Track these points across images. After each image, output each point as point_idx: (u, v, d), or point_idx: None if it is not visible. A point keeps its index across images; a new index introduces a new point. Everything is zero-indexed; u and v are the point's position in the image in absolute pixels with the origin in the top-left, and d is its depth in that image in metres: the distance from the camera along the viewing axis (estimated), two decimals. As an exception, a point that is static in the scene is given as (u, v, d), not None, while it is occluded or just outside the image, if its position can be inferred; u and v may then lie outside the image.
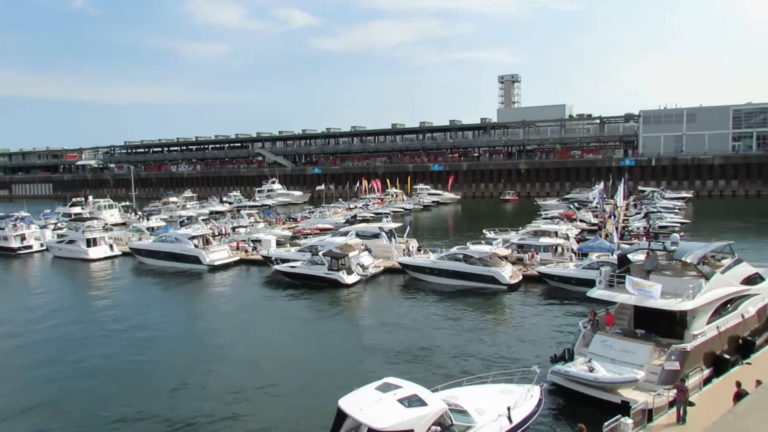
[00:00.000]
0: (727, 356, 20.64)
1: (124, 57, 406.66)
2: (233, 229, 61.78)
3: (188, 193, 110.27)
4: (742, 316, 22.15)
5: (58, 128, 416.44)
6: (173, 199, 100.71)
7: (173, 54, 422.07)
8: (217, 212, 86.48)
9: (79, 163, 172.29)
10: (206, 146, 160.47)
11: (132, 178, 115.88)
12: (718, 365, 20.18)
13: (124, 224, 74.89)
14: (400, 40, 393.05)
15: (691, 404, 16.96)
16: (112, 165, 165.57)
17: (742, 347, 21.64)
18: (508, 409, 15.86)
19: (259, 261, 46.92)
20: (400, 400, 14.44)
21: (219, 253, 47.99)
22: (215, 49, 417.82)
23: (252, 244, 51.42)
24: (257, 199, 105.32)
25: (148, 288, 42.46)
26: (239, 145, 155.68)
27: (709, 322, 20.81)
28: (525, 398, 16.96)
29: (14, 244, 59.17)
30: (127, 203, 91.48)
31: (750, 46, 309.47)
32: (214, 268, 46.28)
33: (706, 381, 19.00)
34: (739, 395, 15.07)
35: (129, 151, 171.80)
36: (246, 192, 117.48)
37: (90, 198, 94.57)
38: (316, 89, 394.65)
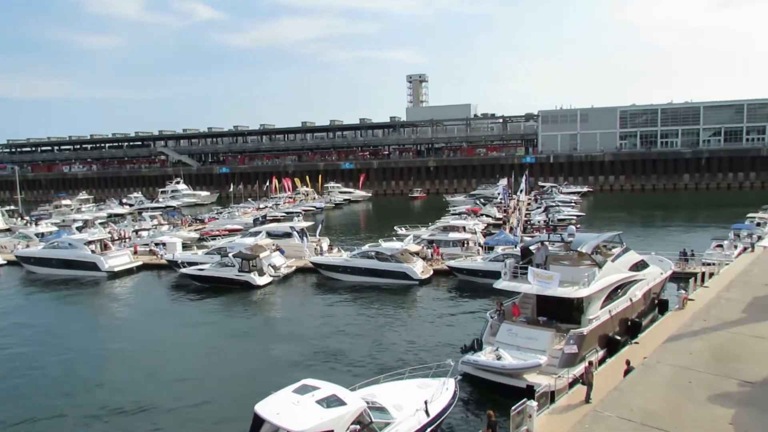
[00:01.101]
0: (618, 337, 22.43)
1: (6, 47, 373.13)
2: (135, 232, 58.69)
3: (83, 195, 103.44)
4: (631, 300, 24.13)
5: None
6: (66, 201, 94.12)
7: (64, 46, 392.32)
8: (116, 215, 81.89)
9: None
10: (103, 145, 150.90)
11: (17, 180, 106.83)
12: (611, 346, 21.87)
13: (8, 230, 68.82)
14: (306, 37, 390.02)
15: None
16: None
17: (630, 328, 23.60)
18: (426, 403, 16.18)
19: (164, 265, 44.90)
20: (319, 401, 14.32)
21: (119, 259, 45.36)
22: (110, 42, 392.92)
23: (156, 248, 49.07)
24: (161, 200, 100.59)
25: (38, 299, 39.27)
26: (140, 143, 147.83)
27: (602, 307, 22.49)
28: (441, 391, 17.36)
29: None
30: (12, 207, 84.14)
31: (636, 51, 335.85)
32: (114, 275, 43.71)
33: (601, 361, 20.49)
34: (628, 372, 16.42)
35: (13, 150, 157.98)
36: (148, 193, 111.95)
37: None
38: (222, 86, 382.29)
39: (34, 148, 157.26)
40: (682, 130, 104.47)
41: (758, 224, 43.94)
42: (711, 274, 29.38)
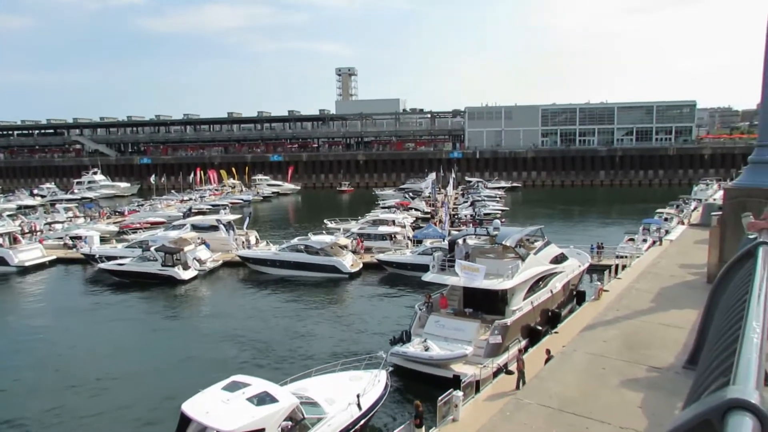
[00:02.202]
0: (540, 327, 23.50)
1: None
2: (47, 224, 55.25)
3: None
4: (551, 292, 25.32)
5: None
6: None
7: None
8: (26, 207, 76.57)
9: None
10: (11, 132, 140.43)
11: None
12: (533, 336, 22.88)
13: None
14: (231, 25, 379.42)
15: (510, 372, 19.01)
16: None
17: (551, 318, 24.79)
18: (358, 396, 16.26)
19: (80, 260, 42.57)
20: (250, 399, 14.05)
21: (30, 253, 42.65)
22: (17, 22, 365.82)
23: (72, 242, 46.45)
24: (76, 191, 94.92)
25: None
26: (52, 131, 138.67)
27: (525, 299, 23.49)
28: (373, 384, 17.52)
29: None
30: None
31: (554, 52, 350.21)
32: (25, 270, 41.02)
33: (523, 351, 21.41)
34: (549, 360, 17.26)
35: None
36: (62, 184, 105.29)
37: None
38: (144, 74, 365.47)
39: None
40: (598, 129, 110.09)
41: (666, 219, 47.08)
42: (624, 267, 31.22)
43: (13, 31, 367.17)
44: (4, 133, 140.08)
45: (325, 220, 52.09)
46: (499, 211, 61.05)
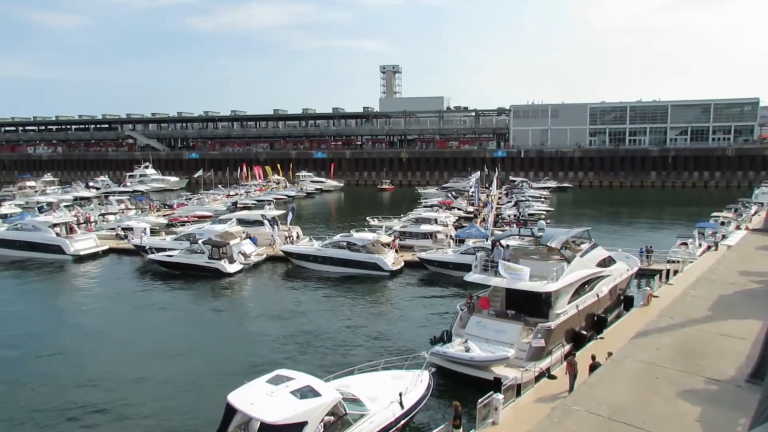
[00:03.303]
0: (584, 332, 22.88)
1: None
2: (102, 216, 57.36)
3: (48, 177, 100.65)
4: (597, 296, 24.61)
5: None
6: (30, 183, 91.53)
7: (24, 24, 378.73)
8: (82, 198, 79.82)
9: None
10: (69, 127, 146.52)
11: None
12: (577, 340, 22.29)
13: (-32, 211, 66.55)
14: (275, 23, 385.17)
15: (553, 377, 18.60)
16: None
17: (596, 323, 24.09)
18: (400, 395, 16.20)
19: (130, 250, 44.02)
20: (293, 392, 14.20)
21: (85, 242, 44.37)
22: (73, 21, 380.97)
23: (123, 232, 48.09)
24: (128, 184, 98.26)
25: (1, 282, 38.20)
26: (107, 126, 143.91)
27: (569, 302, 22.89)
28: (415, 383, 17.41)
29: None
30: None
31: (603, 50, 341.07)
32: (80, 259, 42.73)
33: (567, 355, 20.88)
34: (593, 367, 16.75)
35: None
36: (115, 177, 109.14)
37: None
38: (192, 71, 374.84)
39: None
40: (650, 128, 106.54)
41: (722, 223, 45.15)
42: (675, 272, 30.17)
43: (70, 29, 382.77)
44: (63, 127, 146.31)
45: (367, 218, 52.23)
46: (544, 212, 59.86)
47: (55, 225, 44.77)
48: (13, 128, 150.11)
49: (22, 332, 26.99)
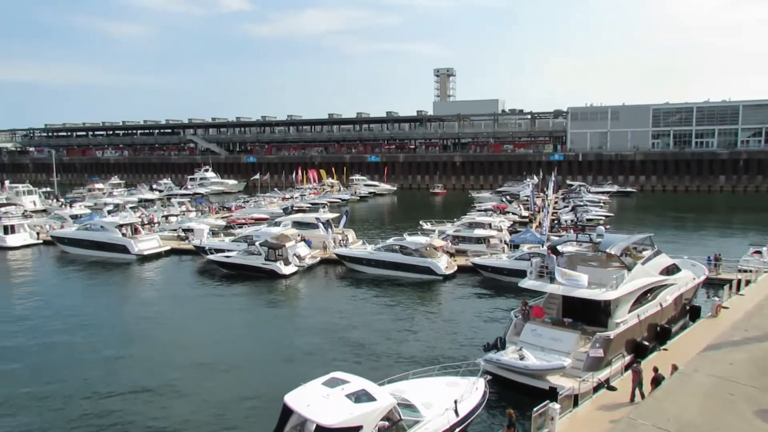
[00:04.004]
0: (646, 343, 21.90)
1: (44, 35, 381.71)
2: (164, 217, 59.61)
3: (115, 180, 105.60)
4: (660, 305, 23.53)
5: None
6: (99, 185, 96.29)
7: (97, 34, 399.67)
8: (146, 200, 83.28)
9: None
10: (135, 131, 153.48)
11: (53, 163, 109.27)
12: (638, 351, 21.36)
13: (44, 211, 70.67)
14: (328, 28, 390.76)
15: (613, 389, 17.90)
16: (32, 149, 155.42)
17: (659, 334, 23.03)
18: (455, 402, 15.88)
19: (191, 251, 45.51)
20: (348, 396, 14.21)
21: (148, 243, 46.21)
22: (142, 30, 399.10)
23: (184, 233, 49.83)
24: (189, 187, 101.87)
25: (71, 278, 40.27)
26: (170, 131, 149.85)
27: (630, 311, 21.98)
28: (470, 391, 17.07)
29: None
30: (48, 189, 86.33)
31: (667, 48, 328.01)
32: (144, 258, 44.53)
33: (627, 366, 20.07)
34: (656, 380, 16.03)
35: (50, 134, 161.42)
36: (177, 180, 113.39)
37: (6, 183, 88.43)
38: (249, 76, 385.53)
39: (69, 133, 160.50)
40: (718, 130, 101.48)
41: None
42: (747, 282, 28.52)
43: (134, 38, 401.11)
44: (129, 132, 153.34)
45: (420, 222, 52.07)
46: (603, 217, 58.04)
47: (121, 226, 46.84)
48: (84, 133, 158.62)
49: (84, 326, 28.34)
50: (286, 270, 38.01)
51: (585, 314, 22.28)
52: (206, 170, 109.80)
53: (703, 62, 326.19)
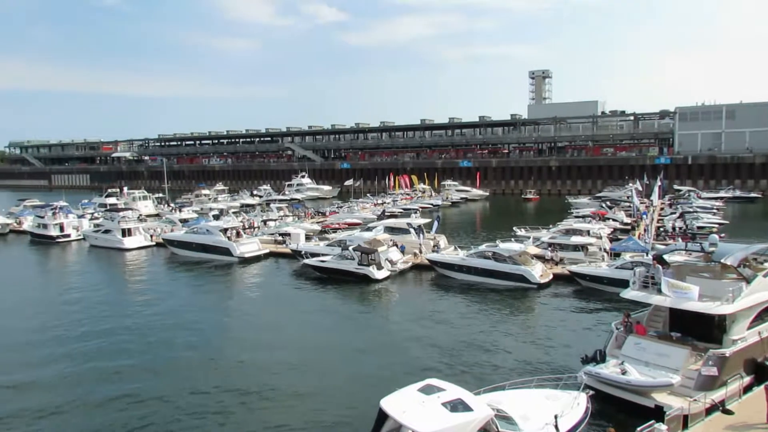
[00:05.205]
0: (768, 363, 19.98)
1: (157, 52, 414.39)
2: (263, 222, 62.42)
3: (220, 186, 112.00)
4: (786, 322, 21.38)
5: (95, 121, 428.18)
6: (205, 191, 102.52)
7: (204, 49, 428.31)
8: (247, 205, 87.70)
9: (114, 155, 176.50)
10: (237, 140, 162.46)
11: (165, 171, 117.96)
12: (760, 372, 19.50)
13: (157, 215, 76.45)
14: (419, 34, 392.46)
15: (729, 412, 16.48)
16: (146, 157, 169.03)
17: (784, 355, 20.91)
18: (555, 417, 15.13)
19: (288, 254, 47.29)
20: (444, 404, 13.96)
21: (249, 246, 48.56)
22: (246, 44, 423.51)
23: (282, 238, 51.92)
24: (287, 192, 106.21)
25: (180, 278, 43.17)
26: (269, 139, 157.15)
27: (749, 327, 20.12)
28: (572, 406, 16.26)
29: (53, 232, 61.19)
30: (161, 195, 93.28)
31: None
32: (244, 260, 46.84)
33: (747, 389, 18.41)
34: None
35: (162, 143, 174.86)
36: (276, 186, 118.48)
37: (125, 189, 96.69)
38: (345, 84, 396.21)
39: (179, 143, 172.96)
40: None
41: None
42: None
43: (241, 51, 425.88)
44: (232, 140, 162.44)
45: (514, 228, 50.87)
46: (716, 225, 53.74)
47: (225, 229, 49.62)
48: (192, 142, 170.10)
49: (188, 323, 30.20)
50: (379, 275, 38.46)
51: (695, 329, 20.68)
52: (303, 176, 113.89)
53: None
